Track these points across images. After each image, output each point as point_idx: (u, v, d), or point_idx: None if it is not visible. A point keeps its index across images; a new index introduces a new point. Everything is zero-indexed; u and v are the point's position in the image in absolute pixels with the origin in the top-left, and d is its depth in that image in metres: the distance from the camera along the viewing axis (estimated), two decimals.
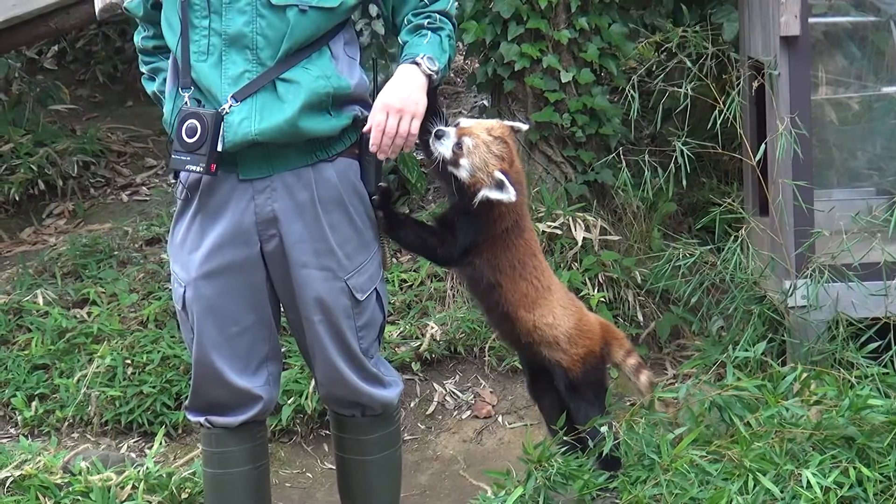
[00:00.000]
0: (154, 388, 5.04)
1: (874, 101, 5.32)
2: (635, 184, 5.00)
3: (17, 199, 6.58)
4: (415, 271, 5.53)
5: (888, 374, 4.08)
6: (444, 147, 3.51)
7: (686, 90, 4.74)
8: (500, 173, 3.50)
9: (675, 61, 5.03)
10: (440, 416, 5.11)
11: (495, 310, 3.71)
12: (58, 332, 5.36)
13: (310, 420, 5.00)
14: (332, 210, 3.39)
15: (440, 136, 3.50)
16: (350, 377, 3.50)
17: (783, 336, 4.59)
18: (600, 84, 5.60)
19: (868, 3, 5.29)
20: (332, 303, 3.42)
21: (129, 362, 5.15)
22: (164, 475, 4.38)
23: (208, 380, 3.48)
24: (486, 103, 6.10)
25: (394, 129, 3.31)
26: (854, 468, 3.56)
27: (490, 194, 3.51)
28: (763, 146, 4.69)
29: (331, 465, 4.81)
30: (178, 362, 5.11)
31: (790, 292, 4.53)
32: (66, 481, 4.34)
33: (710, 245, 4.81)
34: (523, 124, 3.77)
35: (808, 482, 3.49)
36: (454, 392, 5.17)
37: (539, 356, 3.74)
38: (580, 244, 5.34)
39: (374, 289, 3.49)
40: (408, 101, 3.32)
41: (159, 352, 5.16)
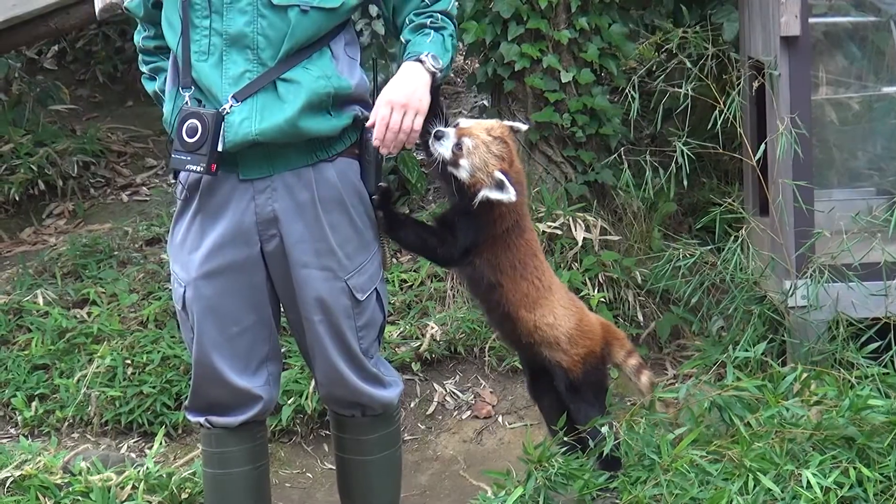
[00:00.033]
0: (154, 388, 5.04)
1: (874, 101, 5.32)
2: (636, 184, 5.00)
3: (17, 199, 6.58)
4: (415, 271, 5.53)
5: (888, 374, 4.08)
6: (443, 148, 3.51)
7: (686, 91, 4.74)
8: (500, 173, 3.50)
9: (676, 62, 5.03)
10: (440, 417, 5.11)
11: (496, 310, 3.70)
12: (58, 332, 5.36)
13: (310, 420, 5.00)
14: (333, 210, 3.39)
15: (440, 136, 3.50)
16: (350, 377, 3.49)
17: (783, 336, 4.59)
18: (600, 84, 5.60)
19: (868, 3, 5.29)
20: (333, 303, 3.41)
21: (129, 362, 5.14)
22: (164, 475, 4.38)
23: (208, 380, 3.48)
24: (486, 103, 6.10)
25: (397, 125, 3.31)
26: (854, 468, 3.56)
27: (490, 194, 3.51)
28: (763, 146, 4.69)
29: (331, 466, 4.80)
30: (178, 362, 5.11)
31: (790, 292, 4.53)
32: (66, 481, 4.34)
33: (710, 245, 4.81)
34: (523, 124, 3.76)
35: (808, 482, 3.49)
36: (454, 392, 5.16)
37: (539, 356, 3.74)
38: (580, 244, 5.34)
39: (375, 289, 3.49)
40: (412, 97, 3.31)
41: (159, 352, 5.16)
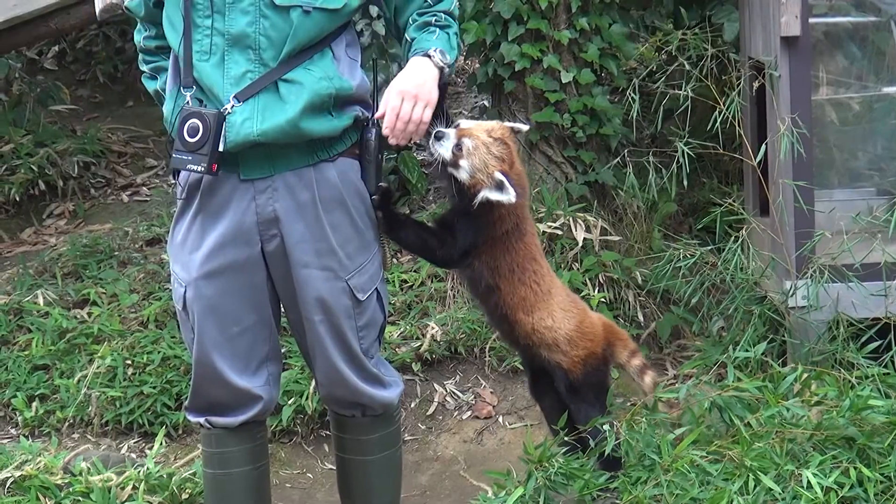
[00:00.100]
0: (154, 388, 5.04)
1: (875, 102, 5.32)
2: (634, 180, 5.01)
3: (17, 199, 6.58)
4: (415, 272, 5.52)
5: (888, 374, 4.08)
6: (443, 148, 3.51)
7: (686, 92, 4.75)
8: (500, 174, 3.49)
9: (676, 64, 5.04)
10: (440, 417, 5.11)
11: (494, 312, 3.70)
12: (58, 332, 5.36)
13: (310, 420, 5.00)
14: (334, 210, 3.39)
15: (440, 137, 3.50)
16: (350, 377, 3.49)
17: (784, 336, 4.59)
18: (601, 84, 5.60)
19: (868, 4, 5.29)
20: (333, 303, 3.41)
21: (129, 363, 5.14)
22: (165, 476, 4.38)
23: (208, 380, 3.47)
24: (486, 104, 6.09)
25: (408, 115, 3.31)
26: (854, 468, 3.56)
27: (490, 195, 3.51)
28: (764, 147, 4.69)
29: (331, 466, 4.80)
30: (178, 363, 5.10)
31: (791, 293, 4.53)
32: (66, 482, 4.34)
33: (710, 245, 4.81)
34: (524, 125, 3.76)
35: (808, 482, 3.49)
36: (455, 392, 5.16)
37: (539, 358, 3.73)
38: (581, 244, 5.34)
39: (375, 289, 3.49)
40: (422, 89, 3.32)
41: (160, 352, 5.16)
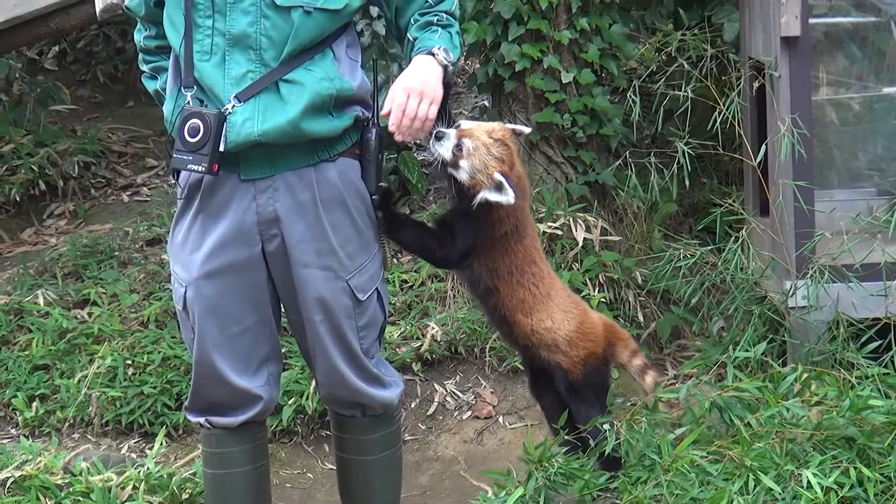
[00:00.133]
0: (155, 388, 5.04)
1: (875, 102, 5.32)
2: (636, 182, 5.01)
3: (17, 199, 6.58)
4: (416, 272, 5.52)
5: (889, 374, 4.08)
6: (443, 148, 3.51)
7: (686, 93, 4.75)
8: (500, 175, 3.49)
9: (676, 65, 5.04)
10: (441, 417, 5.11)
11: (494, 312, 3.70)
12: (58, 332, 5.36)
13: (310, 420, 5.00)
14: (334, 210, 3.39)
15: (440, 137, 3.50)
16: (350, 377, 3.49)
17: (784, 336, 4.59)
18: (601, 84, 5.60)
19: (868, 4, 5.29)
20: (334, 303, 3.41)
21: (129, 363, 5.14)
22: (165, 476, 4.38)
23: (209, 380, 3.47)
24: (486, 104, 6.10)
25: (414, 111, 3.32)
26: (855, 468, 3.56)
27: (489, 196, 3.50)
28: (763, 147, 4.69)
29: (331, 466, 4.80)
30: (178, 363, 5.10)
31: (791, 293, 4.53)
32: (66, 482, 4.34)
33: (710, 245, 4.82)
34: (526, 128, 3.75)
35: (808, 482, 3.49)
36: (455, 392, 5.16)
37: (538, 358, 3.73)
38: (581, 245, 5.34)
39: (375, 289, 3.49)
40: (427, 86, 3.33)
41: (160, 352, 5.16)
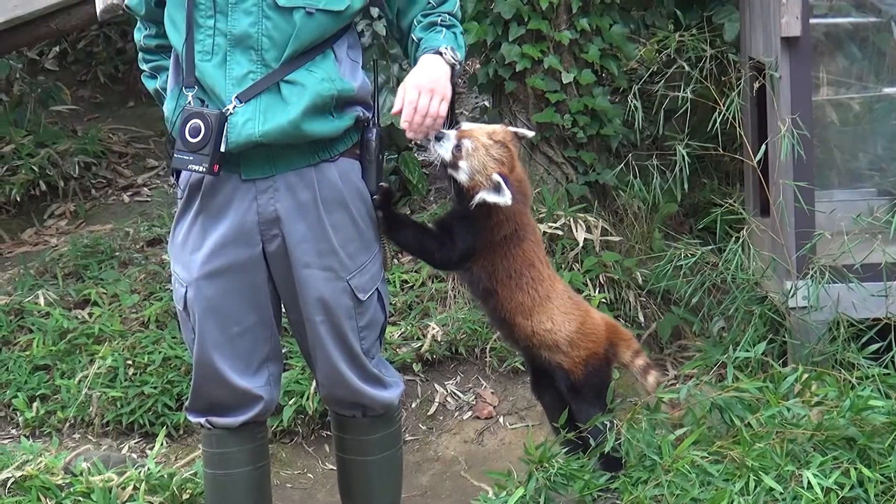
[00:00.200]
0: (155, 388, 5.04)
1: (875, 102, 5.31)
2: (640, 186, 5.01)
3: (18, 199, 6.58)
4: (416, 272, 5.52)
5: (889, 374, 4.08)
6: (443, 149, 3.51)
7: (686, 94, 4.75)
8: (498, 176, 3.49)
9: (675, 67, 5.04)
10: (441, 417, 5.11)
11: (494, 314, 3.71)
12: (59, 332, 5.36)
13: (311, 421, 5.00)
14: (335, 210, 3.39)
15: (440, 138, 3.50)
16: (351, 378, 3.49)
17: (784, 337, 4.59)
18: (601, 85, 5.60)
19: (869, 4, 5.29)
20: (334, 303, 3.41)
21: (130, 363, 5.14)
22: (166, 476, 4.38)
23: (209, 380, 3.47)
24: (487, 104, 6.10)
25: (425, 108, 3.33)
26: (855, 469, 3.56)
27: (487, 197, 3.50)
28: (764, 147, 4.69)
29: (332, 466, 4.80)
30: (179, 363, 5.11)
31: (791, 293, 4.53)
32: (67, 482, 4.34)
33: (711, 245, 4.82)
34: (529, 132, 3.74)
35: (808, 483, 3.49)
36: (455, 393, 5.16)
37: (540, 358, 3.73)
38: (581, 245, 5.34)
39: (376, 289, 3.49)
40: (437, 83, 3.34)
41: (160, 352, 5.16)
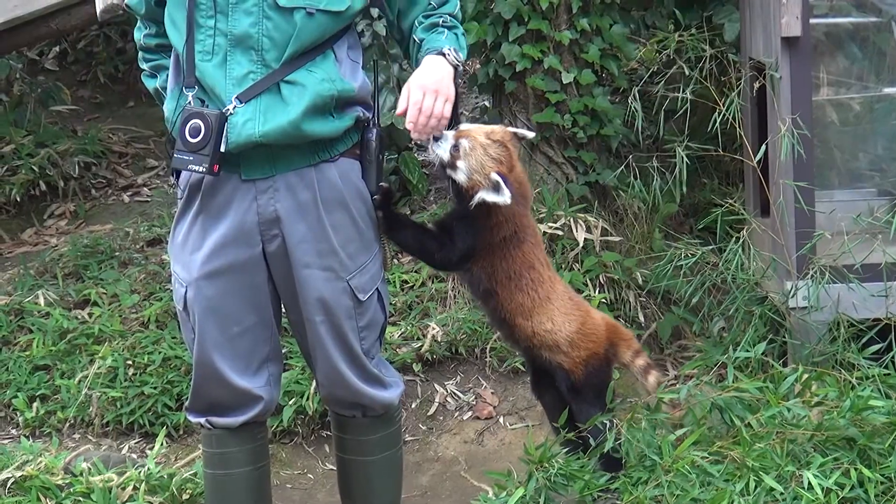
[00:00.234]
0: (155, 388, 5.04)
1: (875, 102, 5.31)
2: (640, 187, 5.01)
3: (18, 199, 6.58)
4: (416, 272, 5.52)
5: (889, 375, 4.08)
6: (441, 149, 3.51)
7: (686, 95, 4.75)
8: (497, 175, 3.48)
9: (675, 68, 5.04)
10: (441, 417, 5.11)
11: (494, 314, 3.71)
12: (59, 332, 5.36)
13: (311, 421, 4.99)
14: (335, 210, 3.39)
15: (438, 138, 3.50)
16: (351, 378, 3.49)
17: (784, 337, 4.59)
18: (601, 85, 5.60)
19: (869, 4, 5.28)
20: (334, 303, 3.41)
21: (130, 363, 5.14)
22: (166, 476, 4.37)
23: (209, 380, 3.47)
24: (487, 104, 6.10)
25: (430, 109, 3.34)
26: (855, 469, 3.56)
27: (486, 196, 3.50)
28: (764, 147, 4.69)
29: (332, 466, 4.80)
30: (179, 363, 5.10)
31: (791, 293, 4.53)
32: (67, 482, 4.34)
33: (711, 245, 4.81)
34: (529, 132, 3.73)
35: (809, 483, 3.49)
36: (455, 393, 5.16)
37: (540, 358, 3.73)
38: (581, 245, 5.34)
39: (376, 289, 3.49)
40: (441, 84, 3.35)
41: (160, 353, 5.16)
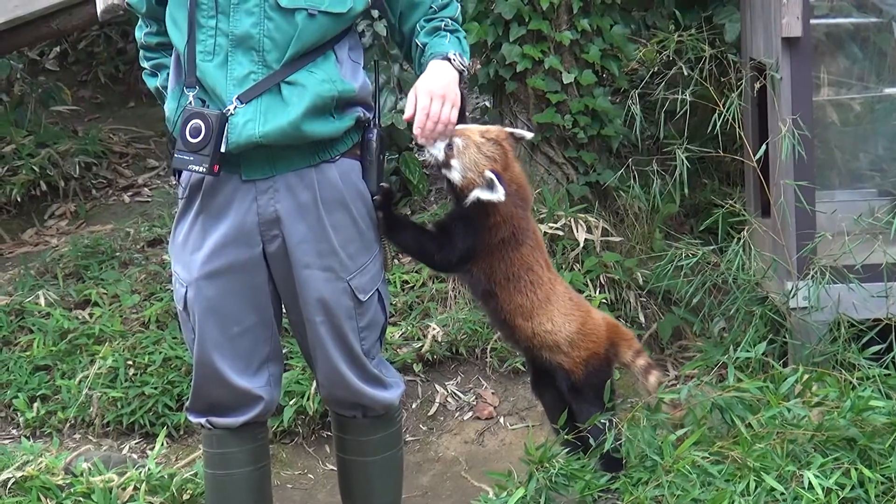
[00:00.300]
0: (156, 389, 5.04)
1: (876, 103, 5.31)
2: (641, 188, 5.01)
3: (18, 200, 6.58)
4: (416, 272, 5.52)
5: (889, 375, 4.08)
6: (436, 149, 3.50)
7: (685, 96, 4.75)
8: (491, 172, 3.48)
9: (675, 68, 5.04)
10: (442, 418, 5.11)
11: (494, 315, 3.71)
12: (59, 333, 5.36)
13: (311, 421, 4.99)
14: (335, 211, 3.39)
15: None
16: (351, 378, 3.49)
17: (785, 337, 4.59)
18: (602, 85, 5.60)
19: (870, 4, 5.28)
20: (335, 303, 3.41)
21: (130, 363, 5.14)
22: (166, 476, 4.38)
23: (209, 380, 3.47)
24: (487, 104, 6.10)
25: (437, 114, 3.35)
26: (856, 469, 3.56)
27: (481, 195, 3.49)
28: (764, 147, 4.69)
29: (332, 467, 4.80)
30: (179, 363, 5.10)
31: (792, 294, 4.53)
32: (67, 482, 4.34)
33: (712, 246, 4.81)
34: (527, 133, 3.73)
35: (809, 483, 3.49)
36: (456, 393, 5.16)
37: (540, 359, 3.73)
38: (582, 245, 5.34)
39: (376, 289, 3.49)
40: (448, 89, 3.36)
41: (161, 353, 5.16)
